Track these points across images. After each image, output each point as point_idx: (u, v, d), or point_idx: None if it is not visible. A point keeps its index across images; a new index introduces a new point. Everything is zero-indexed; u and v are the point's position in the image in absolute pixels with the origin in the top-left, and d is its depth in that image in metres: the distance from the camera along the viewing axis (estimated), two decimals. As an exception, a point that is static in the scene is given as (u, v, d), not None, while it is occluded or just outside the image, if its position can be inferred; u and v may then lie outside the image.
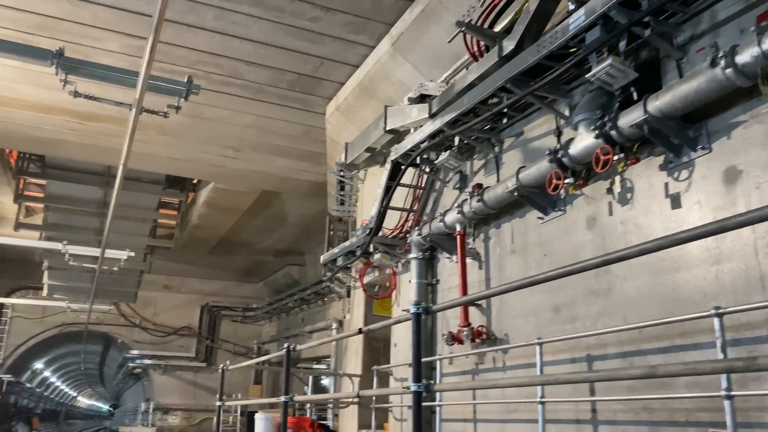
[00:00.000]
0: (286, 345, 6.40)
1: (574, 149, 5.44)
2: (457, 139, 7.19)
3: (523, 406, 6.03)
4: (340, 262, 9.97)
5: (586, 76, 5.17)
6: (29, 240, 17.03)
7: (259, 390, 28.55)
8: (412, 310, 3.87)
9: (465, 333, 6.61)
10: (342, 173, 10.98)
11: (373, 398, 8.51)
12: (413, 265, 8.07)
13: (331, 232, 12.82)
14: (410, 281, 8.07)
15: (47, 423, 48.61)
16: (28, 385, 35.37)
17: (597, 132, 5.15)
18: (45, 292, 21.09)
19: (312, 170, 14.79)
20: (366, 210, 10.71)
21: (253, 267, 26.66)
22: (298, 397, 7.52)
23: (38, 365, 35.49)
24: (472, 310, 6.92)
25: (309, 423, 7.52)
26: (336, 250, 9.99)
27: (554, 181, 5.54)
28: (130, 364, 28.67)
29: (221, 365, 8.88)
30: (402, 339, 8.57)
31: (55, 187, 16.78)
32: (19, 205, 17.64)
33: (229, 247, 23.78)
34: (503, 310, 6.59)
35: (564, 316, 5.78)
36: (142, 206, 17.99)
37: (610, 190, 5.48)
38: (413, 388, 3.71)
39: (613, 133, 5.05)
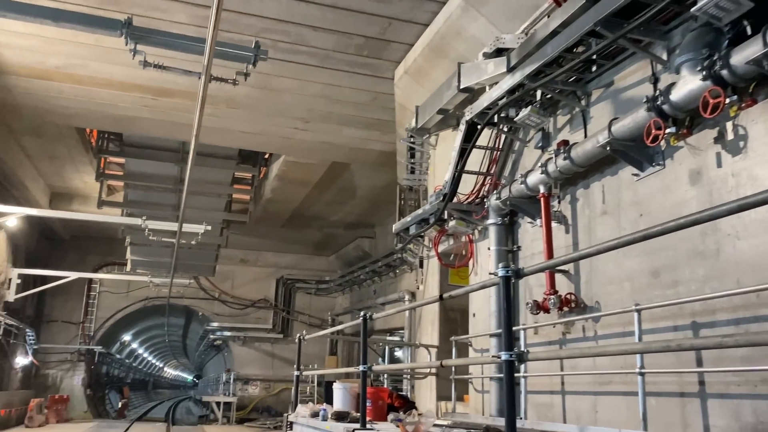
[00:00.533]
0: (362, 313, 6.18)
1: (677, 95, 4.87)
2: (539, 93, 6.69)
3: (618, 377, 5.59)
4: (412, 230, 9.68)
5: (692, 10, 4.57)
6: (111, 216, 17.66)
7: (335, 361, 28.99)
8: (501, 273, 3.51)
9: (552, 301, 6.20)
10: (412, 139, 10.63)
11: (453, 369, 8.24)
12: (492, 231, 7.67)
13: (402, 202, 12.51)
14: (489, 248, 7.68)
15: (137, 392, 51.55)
16: (118, 356, 37.42)
17: (704, 73, 4.57)
18: (129, 267, 22.00)
19: (380, 139, 14.52)
20: (438, 177, 10.33)
21: (324, 240, 26.85)
22: (376, 367, 7.34)
23: (126, 337, 37.44)
24: (558, 277, 6.49)
25: (387, 393, 7.31)
26: (408, 218, 9.70)
27: (653, 131, 4.99)
28: (211, 336, 29.73)
29: (298, 335, 8.80)
30: (481, 308, 8.22)
31: (133, 165, 17.29)
32: (101, 183, 18.31)
33: (301, 220, 23.99)
34: (594, 276, 6.12)
35: (664, 281, 5.26)
36: (217, 181, 18.30)
37: (719, 139, 4.88)
38: (504, 357, 3.37)
39: (723, 72, 4.46)
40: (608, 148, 5.52)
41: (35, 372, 25.99)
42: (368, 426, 5.84)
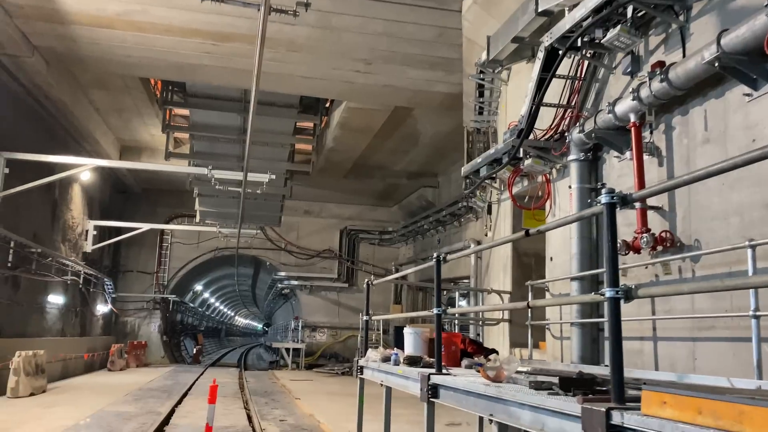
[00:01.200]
0: (435, 254, 5.83)
1: (807, -5, 4.14)
2: (629, 11, 5.97)
3: (721, 322, 5.06)
4: (483, 172, 9.19)
5: None
6: (179, 166, 17.91)
7: (400, 309, 29.15)
8: (604, 199, 3.04)
9: (644, 240, 5.65)
10: (482, 75, 10.01)
11: (529, 314, 7.86)
12: (573, 168, 7.10)
13: (470, 145, 11.95)
14: (570, 187, 7.13)
15: (210, 339, 53.86)
16: (191, 305, 38.96)
17: None
18: (198, 218, 22.48)
19: (446, 80, 13.90)
20: (511, 115, 9.73)
21: (387, 190, 26.59)
22: (452, 310, 7.05)
23: (198, 287, 38.82)
24: (650, 214, 5.91)
25: (461, 339, 7.00)
26: (479, 159, 9.20)
27: (776, 39, 4.30)
28: (279, 285, 30.39)
29: (366, 280, 8.59)
30: (559, 252, 7.73)
31: (197, 116, 17.34)
32: (167, 135, 18.53)
33: (363, 170, 23.76)
34: (693, 212, 5.52)
35: (782, 214, 4.63)
36: (279, 131, 18.18)
37: None
38: (609, 294, 2.93)
39: None
40: (716, 65, 4.85)
41: (115, 319, 27.35)
42: (444, 371, 5.57)
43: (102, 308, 24.63)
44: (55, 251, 17.93)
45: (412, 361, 6.58)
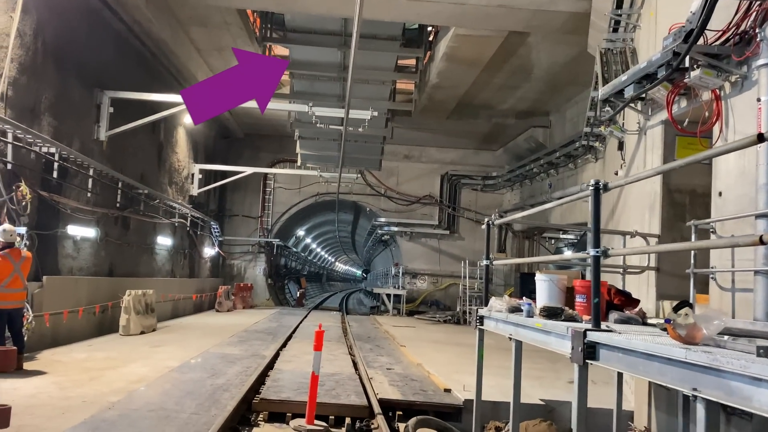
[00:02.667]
0: (592, 182, 4.63)
1: None
2: None
3: None
4: (629, 92, 7.69)
5: None
6: (279, 104, 17.37)
7: (504, 258, 27.88)
8: None
9: None
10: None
11: (692, 260, 6.48)
12: (763, 75, 5.54)
13: (605, 67, 10.30)
14: (759, 100, 5.59)
15: (312, 283, 55.21)
16: (294, 249, 39.63)
17: None
18: (299, 162, 22.11)
19: (570, -4, 12.19)
20: (661, 26, 8.10)
21: (492, 132, 25.00)
22: (617, 251, 5.92)
23: (300, 232, 39.32)
24: None
25: (606, 288, 5.81)
26: (624, 77, 7.70)
27: None
28: (379, 231, 29.94)
29: (487, 219, 7.51)
30: (732, 186, 6.24)
31: (296, 53, 16.62)
32: (268, 75, 17.99)
33: (467, 110, 22.31)
34: None
35: None
36: (380, 67, 17.13)
37: None
38: None
39: None
40: None
41: (222, 262, 28.08)
42: (604, 326, 4.48)
43: (209, 251, 25.20)
44: (162, 193, 18.13)
45: (552, 313, 5.49)
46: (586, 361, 4.35)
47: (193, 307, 21.89)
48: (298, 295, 35.44)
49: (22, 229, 9.45)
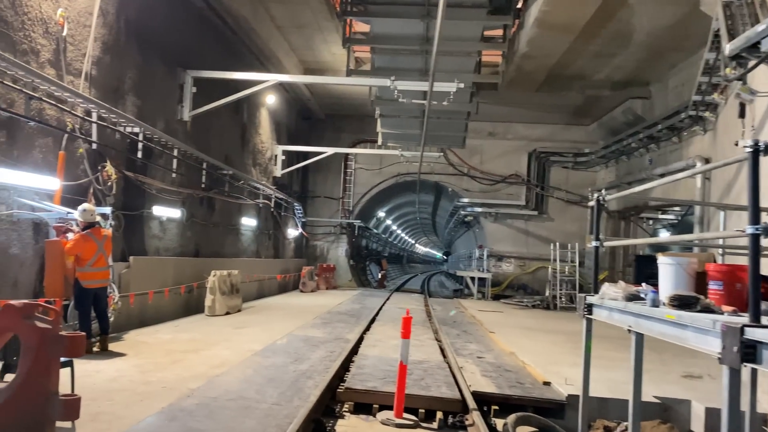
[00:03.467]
0: (749, 142, 3.71)
1: None
2: None
3: None
4: (766, 46, 6.53)
5: None
6: (361, 79, 16.82)
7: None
8: None
9: None
10: None
11: None
12: None
13: (729, 21, 9.02)
14: None
15: (392, 265, 55.02)
16: (375, 230, 39.40)
17: None
18: (379, 141, 21.59)
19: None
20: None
21: (585, 105, 23.45)
22: None
23: (380, 213, 39.02)
24: None
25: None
26: (762, 26, 6.53)
27: None
28: (461, 213, 29.04)
29: (597, 195, 6.60)
30: None
31: (378, 26, 15.96)
32: (348, 51, 17.48)
33: (558, 82, 20.93)
34: None
35: None
36: (465, 37, 16.17)
37: None
38: None
39: None
40: None
41: (305, 243, 28.17)
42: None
43: (293, 232, 25.27)
44: (246, 174, 18.12)
45: (685, 303, 4.60)
46: (745, 364, 3.49)
47: (277, 288, 21.99)
48: (379, 276, 35.19)
49: (107, 209, 9.40)
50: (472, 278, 26.73)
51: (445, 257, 79.30)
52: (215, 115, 15.61)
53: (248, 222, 18.77)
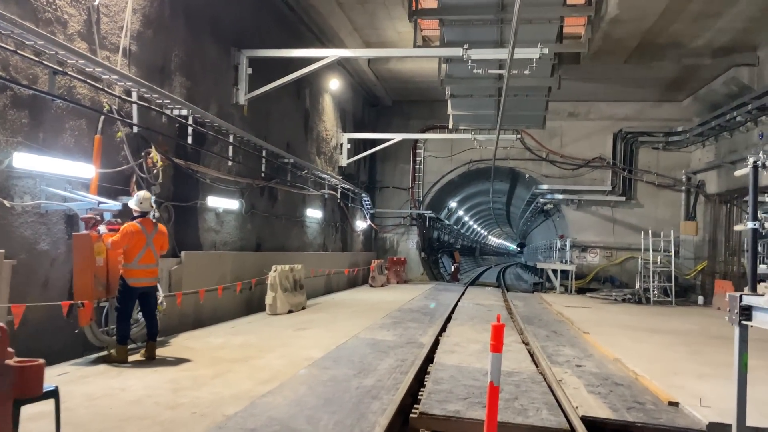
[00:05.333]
0: None
1: None
2: None
3: None
4: None
5: None
6: (430, 50, 15.34)
7: (694, 227, 23.81)
8: None
9: None
10: None
11: None
12: None
13: None
14: None
15: (465, 257, 53.28)
16: (447, 222, 37.81)
17: None
18: (450, 124, 20.02)
19: None
20: None
21: (680, 77, 21.00)
22: None
23: (452, 204, 37.40)
24: None
25: None
26: None
27: None
28: (540, 200, 27.05)
29: (752, 159, 4.94)
30: None
31: (447, -5, 14.44)
32: (415, 27, 16.06)
33: (651, 51, 18.70)
34: None
35: None
36: (546, 2, 14.39)
37: None
38: None
39: None
40: None
41: (374, 235, 27.02)
42: None
43: (361, 224, 24.15)
44: (310, 163, 17.08)
45: None
46: None
47: (346, 282, 20.94)
48: (452, 269, 33.68)
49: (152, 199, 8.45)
50: (554, 271, 24.79)
51: (519, 249, 76.68)
52: (275, 100, 14.60)
53: (313, 214, 17.73)
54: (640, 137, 25.08)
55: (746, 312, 4.70)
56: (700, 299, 21.78)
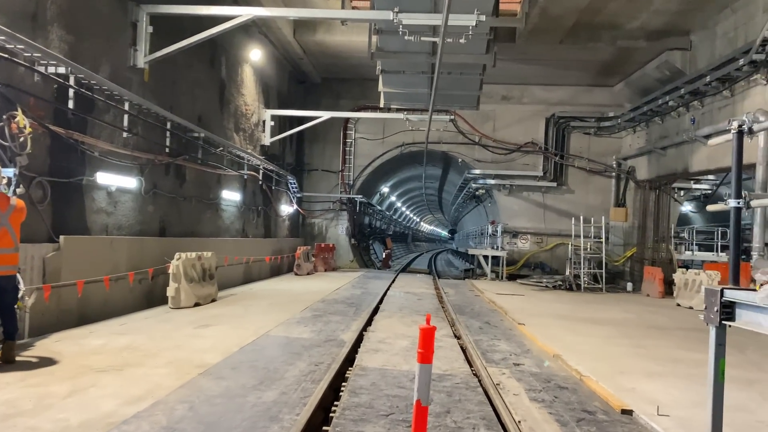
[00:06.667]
0: None
1: None
2: None
3: None
4: None
5: None
6: (357, 12, 14.06)
7: (624, 213, 23.77)
8: None
9: None
10: None
11: None
12: None
13: None
14: None
15: (397, 244, 52.61)
16: (378, 207, 36.82)
17: None
18: (382, 102, 18.92)
19: None
20: None
21: (614, 61, 20.64)
22: None
23: (384, 189, 36.44)
24: None
25: None
26: None
27: None
28: (473, 185, 26.43)
29: (737, 124, 4.04)
30: None
31: (377, -42, 13.23)
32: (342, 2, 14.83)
33: (586, 31, 18.19)
34: None
35: None
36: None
37: None
38: None
39: None
40: None
41: (302, 221, 25.65)
42: None
43: (287, 208, 22.74)
44: (227, 140, 15.55)
45: None
46: None
47: (269, 271, 19.55)
48: (383, 256, 32.77)
49: (10, 171, 6.90)
50: (485, 257, 24.25)
51: (450, 235, 76.94)
52: (184, 67, 13.01)
53: (231, 196, 16.22)
54: (573, 122, 24.81)
55: (728, 310, 3.81)
56: (629, 286, 21.73)
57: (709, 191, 26.46)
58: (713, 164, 16.85)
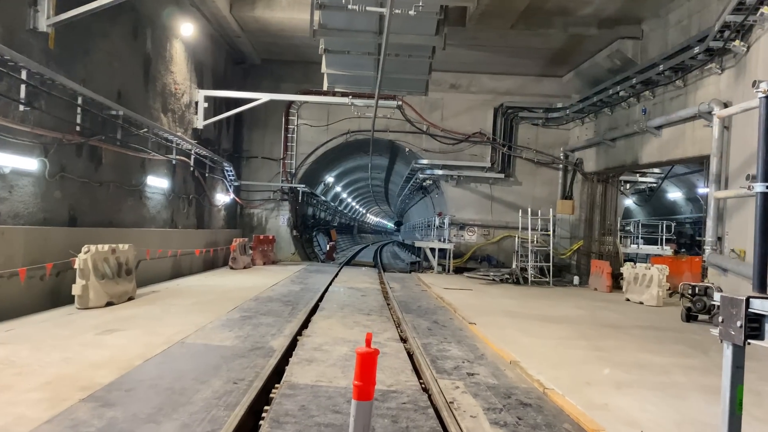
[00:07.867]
0: None
1: None
2: None
3: None
4: None
5: None
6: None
7: (570, 206, 23.45)
8: None
9: None
10: None
11: None
12: None
13: None
14: None
15: (342, 235, 51.48)
16: (323, 198, 35.61)
17: None
18: (325, 85, 17.74)
19: None
20: None
21: (565, 49, 20.11)
22: None
23: (329, 179, 35.25)
24: None
25: None
26: None
27: None
28: (420, 176, 25.59)
29: (762, 85, 3.18)
30: None
31: None
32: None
33: (538, 17, 17.58)
34: None
35: None
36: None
37: None
38: None
39: None
40: None
41: (240, 211, 24.23)
42: None
43: (223, 197, 21.30)
44: (152, 121, 14.09)
45: None
46: None
47: (203, 264, 18.15)
48: (327, 248, 31.63)
49: None
50: (432, 249, 23.49)
51: (396, 227, 76.37)
52: (99, 35, 11.53)
53: (157, 182, 14.77)
54: (521, 113, 24.30)
55: (754, 324, 2.96)
56: (576, 279, 21.39)
57: (655, 184, 26.57)
58: (665, 156, 16.51)
